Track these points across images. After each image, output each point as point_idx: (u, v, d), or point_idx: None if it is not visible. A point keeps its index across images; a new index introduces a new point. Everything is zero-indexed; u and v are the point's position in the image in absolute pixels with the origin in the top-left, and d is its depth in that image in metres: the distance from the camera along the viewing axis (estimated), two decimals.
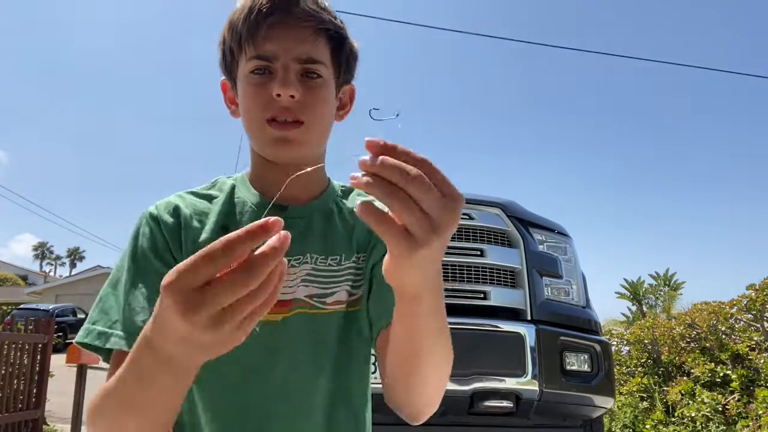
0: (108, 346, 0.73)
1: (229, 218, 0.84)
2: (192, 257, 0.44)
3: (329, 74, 0.82)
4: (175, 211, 0.83)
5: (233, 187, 0.88)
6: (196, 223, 0.83)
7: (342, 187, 0.96)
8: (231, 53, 0.82)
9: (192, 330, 0.45)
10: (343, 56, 0.84)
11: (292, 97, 0.77)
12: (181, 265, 0.44)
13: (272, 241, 0.44)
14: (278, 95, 0.77)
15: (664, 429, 6.01)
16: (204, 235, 0.81)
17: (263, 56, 0.78)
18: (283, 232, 0.44)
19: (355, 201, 0.93)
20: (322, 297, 0.83)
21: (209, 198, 0.87)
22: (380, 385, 0.79)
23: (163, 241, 0.80)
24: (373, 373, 0.94)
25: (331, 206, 0.90)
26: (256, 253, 0.44)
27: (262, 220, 0.44)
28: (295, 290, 0.82)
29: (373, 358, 0.89)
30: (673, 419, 6.13)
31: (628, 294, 19.01)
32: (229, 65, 0.84)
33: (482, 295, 2.76)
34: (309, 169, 0.66)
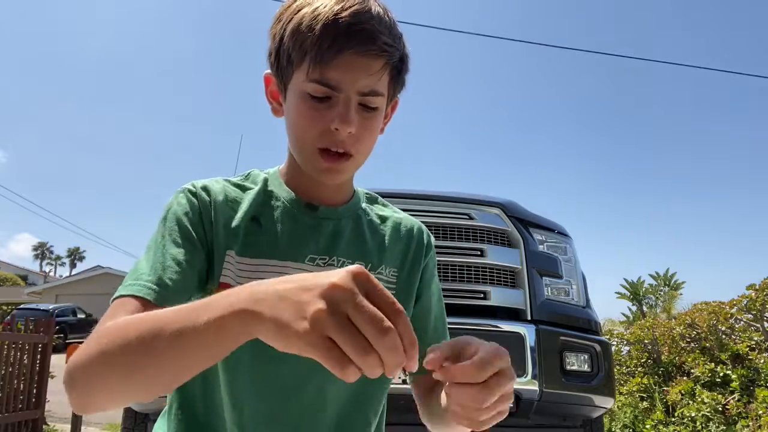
0: (129, 292, 0.70)
1: (260, 210, 0.85)
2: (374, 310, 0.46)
3: (384, 102, 0.81)
4: (211, 192, 0.84)
5: (266, 181, 0.89)
6: (228, 209, 0.83)
7: (366, 194, 0.97)
8: (288, 59, 0.78)
9: (304, 337, 0.46)
10: (401, 79, 0.83)
11: (350, 132, 0.77)
12: (356, 289, 0.46)
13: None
14: (336, 129, 0.76)
15: (664, 429, 6.01)
16: (235, 222, 0.82)
17: (328, 84, 0.75)
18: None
19: (380, 210, 0.96)
20: None
21: (243, 188, 0.88)
22: (400, 386, 0.81)
23: (198, 212, 0.81)
24: None
25: (359, 212, 0.91)
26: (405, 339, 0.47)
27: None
28: None
29: None
30: (673, 419, 6.13)
31: (628, 294, 19.00)
32: (282, 68, 0.80)
33: (482, 295, 2.76)
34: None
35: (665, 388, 6.68)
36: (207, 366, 0.56)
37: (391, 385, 0.90)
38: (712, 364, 6.45)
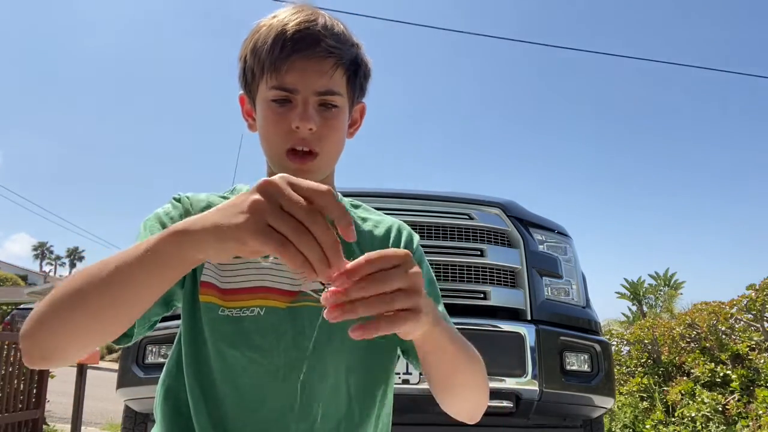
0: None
1: None
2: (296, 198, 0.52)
3: (344, 102, 0.86)
4: (194, 201, 0.88)
5: None
6: None
7: (350, 202, 1.00)
8: (252, 75, 0.86)
9: (244, 226, 0.51)
10: (358, 82, 0.88)
11: (310, 129, 0.82)
12: (285, 183, 0.52)
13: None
14: (297, 127, 0.81)
15: (664, 429, 6.01)
16: None
17: (285, 88, 0.82)
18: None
19: (362, 214, 0.98)
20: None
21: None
22: (401, 386, 0.81)
23: (179, 215, 0.85)
24: (396, 374, 0.95)
25: None
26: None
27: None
28: (300, 284, 0.84)
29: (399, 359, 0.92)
30: (673, 419, 6.13)
31: (628, 294, 19.00)
32: (249, 84, 0.88)
33: (482, 295, 2.76)
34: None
35: (665, 388, 6.68)
36: (154, 296, 0.61)
37: (398, 386, 0.89)
38: (712, 364, 6.44)
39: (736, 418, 5.63)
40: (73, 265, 73.95)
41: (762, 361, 6.20)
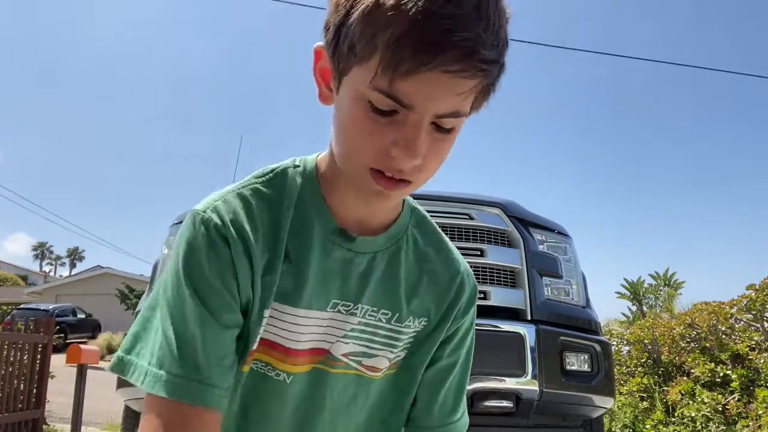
0: (192, 401, 0.63)
1: (292, 238, 0.71)
2: None
3: (463, 122, 0.63)
4: (244, 227, 0.68)
5: (301, 191, 0.73)
6: (265, 248, 0.69)
7: (414, 209, 0.83)
8: (351, 47, 0.58)
9: None
10: (489, 94, 0.63)
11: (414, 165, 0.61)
12: None
13: None
14: (396, 156, 0.61)
15: (664, 429, 6.01)
16: (273, 268, 0.69)
17: (398, 99, 0.57)
18: None
19: (425, 239, 0.81)
20: (360, 356, 0.76)
21: (278, 202, 0.72)
22: None
23: (231, 268, 0.67)
24: None
25: (401, 242, 0.77)
26: None
27: None
28: (333, 344, 0.74)
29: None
30: (673, 419, 6.13)
31: (628, 294, 18.99)
32: (341, 54, 0.60)
33: (482, 295, 2.76)
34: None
35: (665, 388, 6.69)
36: None
37: None
38: (712, 364, 6.45)
39: (736, 418, 5.63)
40: (73, 265, 73.97)
41: (762, 361, 6.21)
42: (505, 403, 2.55)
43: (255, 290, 0.68)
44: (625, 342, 8.08)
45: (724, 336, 6.92)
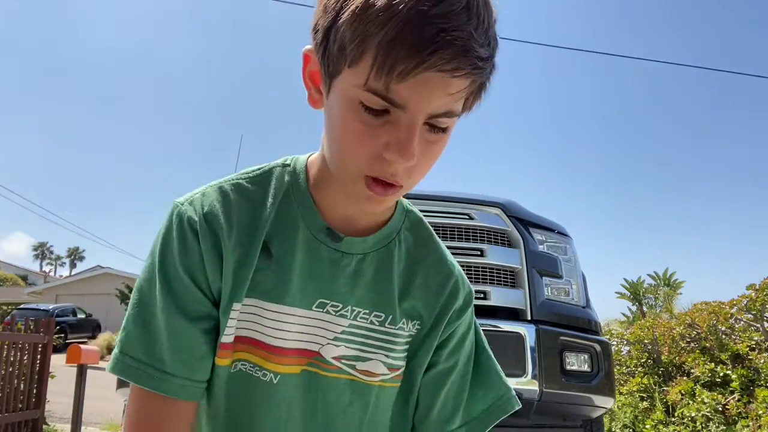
0: (165, 391, 0.66)
1: (273, 232, 0.71)
2: None
3: (455, 121, 0.63)
4: (218, 220, 0.69)
5: (288, 189, 0.73)
6: (241, 241, 0.69)
7: (408, 211, 0.80)
8: (341, 49, 0.58)
9: None
10: (479, 96, 0.64)
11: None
12: None
13: None
14: (389, 158, 0.60)
15: (664, 429, 6.01)
16: (247, 262, 0.69)
17: (392, 101, 0.57)
18: None
19: (418, 241, 0.79)
20: (353, 360, 0.74)
21: (260, 199, 0.72)
22: None
23: (200, 258, 0.68)
24: None
25: (391, 245, 0.76)
26: None
27: None
28: (323, 346, 0.73)
29: None
30: (673, 419, 6.13)
31: (628, 294, 19.01)
32: (330, 56, 0.60)
33: (482, 295, 2.76)
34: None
35: (665, 388, 6.69)
36: None
37: None
38: (712, 364, 6.45)
39: (736, 418, 5.63)
40: (73, 265, 74.00)
41: (762, 361, 6.21)
42: None
43: (225, 284, 0.69)
44: (625, 342, 8.08)
45: (724, 336, 6.93)
